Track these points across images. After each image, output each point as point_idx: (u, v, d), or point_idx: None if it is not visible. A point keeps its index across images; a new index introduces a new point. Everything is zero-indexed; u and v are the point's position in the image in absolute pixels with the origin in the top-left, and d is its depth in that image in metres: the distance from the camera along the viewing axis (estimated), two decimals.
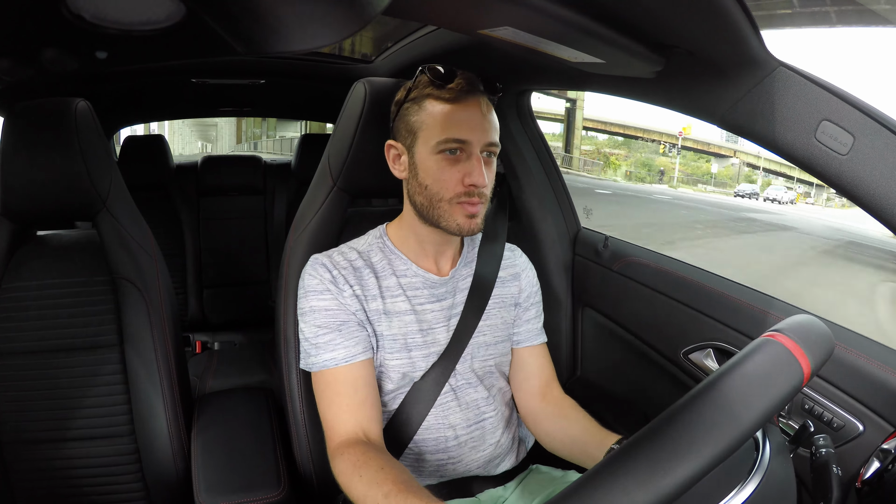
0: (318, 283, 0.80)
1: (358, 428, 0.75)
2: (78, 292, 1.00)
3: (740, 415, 0.39)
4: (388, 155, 0.83)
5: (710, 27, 0.63)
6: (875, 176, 0.63)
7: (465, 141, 0.75)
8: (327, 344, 0.78)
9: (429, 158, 0.77)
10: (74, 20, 0.36)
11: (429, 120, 0.76)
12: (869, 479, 0.69)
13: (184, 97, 1.95)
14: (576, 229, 1.31)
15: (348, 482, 0.69)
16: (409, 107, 0.79)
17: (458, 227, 0.77)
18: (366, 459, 0.69)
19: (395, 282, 0.83)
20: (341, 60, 1.60)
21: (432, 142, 0.76)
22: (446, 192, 0.76)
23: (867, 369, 0.73)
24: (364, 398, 0.77)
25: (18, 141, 0.94)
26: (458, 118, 0.75)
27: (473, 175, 0.75)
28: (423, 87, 0.78)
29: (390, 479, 0.64)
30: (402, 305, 0.82)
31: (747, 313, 0.89)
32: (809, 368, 0.43)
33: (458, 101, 0.76)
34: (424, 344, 0.83)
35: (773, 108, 0.70)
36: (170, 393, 1.00)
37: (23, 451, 0.98)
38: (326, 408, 0.78)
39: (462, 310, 0.86)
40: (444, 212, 0.77)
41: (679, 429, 0.38)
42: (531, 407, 0.92)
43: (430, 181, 0.77)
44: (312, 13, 0.42)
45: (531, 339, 0.94)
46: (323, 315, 0.79)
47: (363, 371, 0.78)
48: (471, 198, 0.76)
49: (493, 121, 0.79)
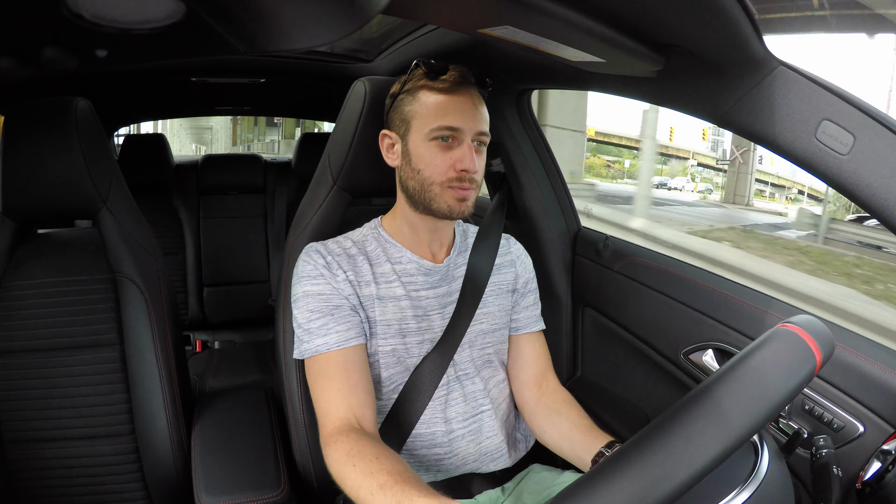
0: (311, 268, 0.81)
1: (350, 414, 0.74)
2: (78, 291, 1.00)
3: (758, 399, 0.40)
4: (381, 144, 0.86)
5: (710, 27, 0.63)
6: (875, 176, 0.63)
7: (456, 129, 0.78)
8: (320, 329, 0.78)
9: (422, 145, 0.80)
10: (74, 19, 0.36)
11: (423, 109, 0.80)
12: (869, 480, 0.69)
13: (184, 96, 1.95)
14: (576, 229, 1.30)
15: (341, 472, 0.67)
16: (404, 98, 0.82)
17: (450, 208, 0.80)
18: (360, 448, 0.67)
19: (390, 268, 0.84)
20: (341, 59, 1.60)
21: (426, 129, 0.79)
22: (438, 176, 0.79)
23: (867, 370, 0.73)
24: (356, 382, 0.77)
25: (19, 140, 0.94)
26: (450, 107, 0.79)
27: (465, 161, 0.78)
28: (417, 79, 0.81)
29: (385, 469, 0.63)
30: (396, 291, 0.83)
31: (747, 313, 0.89)
32: (820, 360, 0.44)
33: (450, 92, 0.79)
34: (419, 330, 0.84)
35: (773, 107, 0.69)
36: (170, 392, 1.00)
37: (23, 450, 0.98)
38: (319, 394, 0.77)
39: (458, 297, 0.87)
40: (435, 195, 0.80)
41: (700, 413, 0.39)
42: (527, 397, 0.92)
43: (422, 166, 0.80)
44: (312, 13, 0.42)
45: (529, 325, 0.94)
46: (315, 299, 0.79)
47: (355, 356, 0.78)
48: (462, 182, 0.79)
49: (484, 112, 0.82)
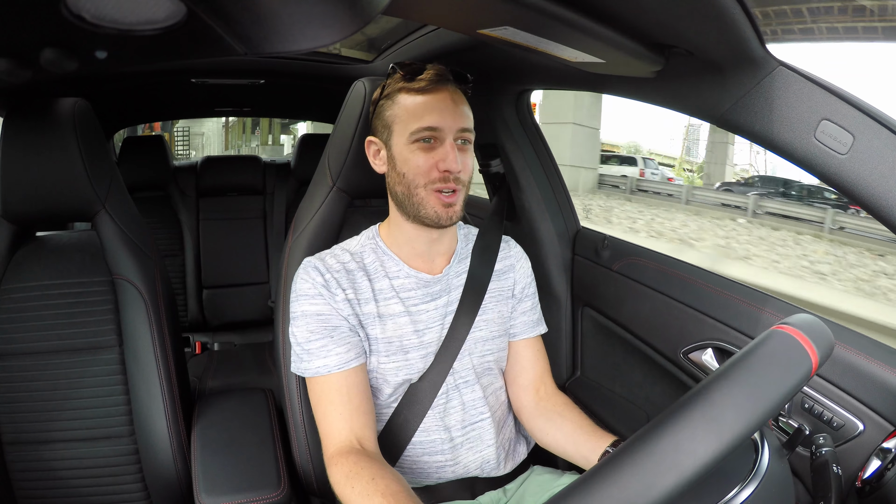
0: (310, 286, 0.80)
1: (352, 436, 0.75)
2: (78, 293, 1.00)
3: (752, 403, 0.40)
4: (368, 151, 0.85)
5: (709, 27, 0.63)
6: (875, 175, 0.63)
7: (436, 128, 0.77)
8: (319, 350, 0.78)
9: (405, 149, 0.79)
10: (74, 21, 0.35)
11: (402, 112, 0.79)
12: (869, 478, 0.69)
13: (183, 97, 1.95)
14: (575, 229, 1.31)
15: (342, 493, 0.70)
16: (384, 103, 0.82)
17: (437, 215, 0.79)
18: (358, 470, 0.69)
19: (388, 284, 0.83)
20: (341, 60, 1.60)
21: (407, 132, 0.78)
22: (421, 178, 0.78)
23: (867, 368, 0.73)
24: (358, 405, 0.77)
25: (18, 141, 0.94)
26: (428, 107, 0.78)
27: (448, 160, 0.77)
28: (395, 83, 0.80)
29: (380, 490, 0.65)
30: (395, 308, 0.82)
31: (747, 313, 0.89)
32: (816, 361, 0.44)
33: (428, 92, 0.78)
34: (421, 345, 0.83)
35: (772, 107, 0.69)
36: (169, 393, 1.00)
37: (23, 451, 0.97)
38: (321, 416, 0.78)
39: (457, 307, 0.86)
40: (421, 199, 0.79)
41: (693, 416, 0.39)
42: (524, 401, 0.92)
43: (406, 169, 0.79)
44: (312, 13, 0.42)
45: (527, 330, 0.94)
46: (314, 320, 0.79)
47: (356, 377, 0.78)
48: (446, 183, 0.78)
49: (465, 109, 0.81)
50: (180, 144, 17.46)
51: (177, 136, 16.81)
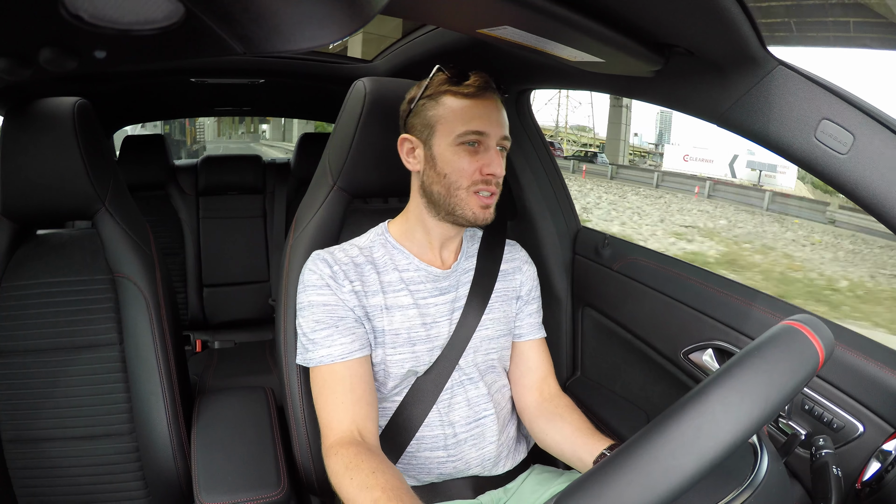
0: (317, 278, 0.81)
1: (353, 426, 0.75)
2: (78, 291, 1.00)
3: (767, 390, 0.40)
4: (401, 149, 0.85)
5: (709, 26, 0.63)
6: (875, 175, 0.63)
7: (483, 133, 0.79)
8: (324, 339, 0.78)
9: (448, 150, 0.80)
10: (73, 20, 0.35)
11: (448, 114, 0.80)
12: (869, 480, 0.69)
13: (183, 97, 1.95)
14: (576, 228, 1.31)
15: (339, 483, 0.69)
16: (426, 103, 0.82)
17: (474, 215, 0.81)
18: (357, 462, 0.69)
19: (398, 276, 0.84)
20: (341, 60, 1.60)
21: (452, 134, 0.79)
22: (465, 180, 0.80)
23: (867, 370, 0.73)
24: (360, 396, 0.77)
25: (18, 140, 0.94)
26: (476, 112, 0.79)
27: (492, 165, 0.79)
28: (439, 84, 0.81)
29: (380, 484, 0.65)
30: (404, 300, 0.83)
31: (747, 313, 0.89)
32: (822, 357, 0.44)
33: (475, 97, 0.80)
34: (428, 338, 0.84)
35: (772, 107, 0.69)
36: (170, 392, 1.00)
37: (23, 449, 0.98)
38: (322, 405, 0.78)
39: (465, 303, 0.87)
40: (461, 200, 0.80)
41: (705, 407, 0.39)
42: (527, 402, 0.92)
43: (449, 170, 0.80)
44: (311, 13, 0.42)
45: (532, 332, 0.95)
46: (321, 310, 0.79)
47: (360, 368, 0.79)
48: (488, 185, 0.80)
49: (506, 117, 0.83)
50: (199, 132, 19.83)
51: (196, 125, 19.04)
